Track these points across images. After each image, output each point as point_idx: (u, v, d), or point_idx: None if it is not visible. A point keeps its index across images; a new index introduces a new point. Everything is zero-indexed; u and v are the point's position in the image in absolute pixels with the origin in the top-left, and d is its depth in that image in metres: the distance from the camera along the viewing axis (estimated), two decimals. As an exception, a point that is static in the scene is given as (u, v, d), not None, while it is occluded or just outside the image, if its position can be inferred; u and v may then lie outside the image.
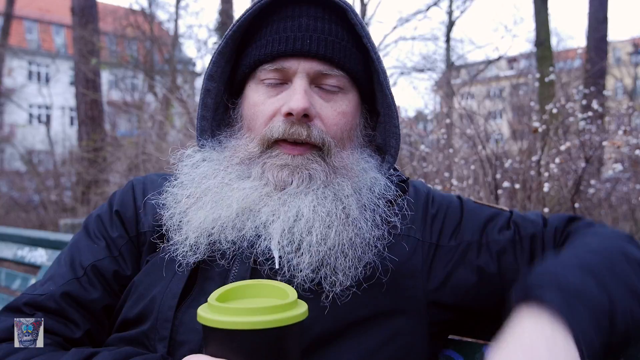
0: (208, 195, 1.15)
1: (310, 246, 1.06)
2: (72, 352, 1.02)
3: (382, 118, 1.27)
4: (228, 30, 1.19)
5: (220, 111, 1.29)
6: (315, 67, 1.14)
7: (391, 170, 1.28)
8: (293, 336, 0.81)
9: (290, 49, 1.13)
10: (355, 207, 1.12)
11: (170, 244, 1.15)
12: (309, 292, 1.05)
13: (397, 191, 1.21)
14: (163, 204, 1.21)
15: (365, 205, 1.15)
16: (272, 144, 1.15)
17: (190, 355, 0.84)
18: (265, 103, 1.16)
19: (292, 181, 1.12)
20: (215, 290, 0.87)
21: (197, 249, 1.11)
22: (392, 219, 1.16)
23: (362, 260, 1.08)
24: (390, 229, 1.15)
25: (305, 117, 1.12)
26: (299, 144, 1.14)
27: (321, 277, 1.06)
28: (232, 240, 1.10)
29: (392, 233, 1.15)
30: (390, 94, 1.22)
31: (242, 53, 1.22)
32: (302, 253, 1.06)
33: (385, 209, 1.16)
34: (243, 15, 1.17)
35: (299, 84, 1.13)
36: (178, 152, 1.27)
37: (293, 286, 1.03)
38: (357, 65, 1.20)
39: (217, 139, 1.26)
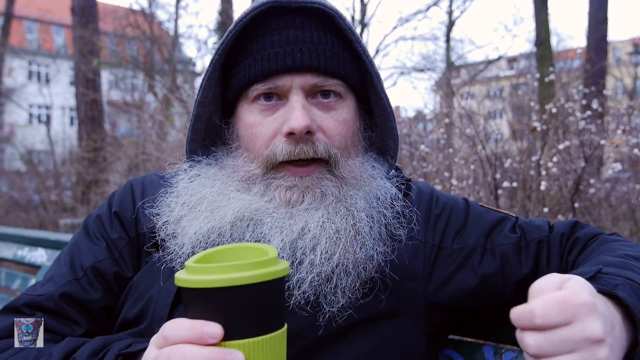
0: (203, 204, 1.12)
1: (312, 265, 1.04)
2: (67, 339, 1.03)
3: (378, 119, 1.24)
4: (214, 54, 1.14)
5: (219, 132, 1.24)
6: (310, 81, 1.10)
7: (393, 171, 1.27)
8: (274, 293, 0.78)
9: (281, 66, 1.08)
10: (365, 223, 1.09)
11: (166, 253, 1.13)
12: (304, 311, 1.03)
13: (404, 201, 1.19)
14: (157, 214, 1.18)
15: (373, 218, 1.12)
16: (277, 166, 1.11)
17: (171, 320, 0.81)
18: (263, 124, 1.12)
19: (303, 200, 1.09)
20: (195, 255, 0.85)
21: None
22: (398, 232, 1.14)
23: (362, 278, 1.07)
24: (395, 243, 1.13)
25: (308, 133, 1.08)
26: (304, 164, 1.10)
27: (320, 295, 1.04)
28: None
29: (397, 248, 1.13)
30: (385, 96, 1.19)
31: (231, 71, 1.17)
32: (304, 270, 1.04)
33: (392, 220, 1.14)
34: (227, 36, 1.12)
35: (296, 101, 1.09)
36: (175, 166, 1.24)
37: (290, 303, 1.01)
38: (351, 70, 1.16)
39: (214, 156, 1.23)
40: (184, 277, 0.77)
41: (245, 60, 1.13)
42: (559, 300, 0.72)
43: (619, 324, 0.80)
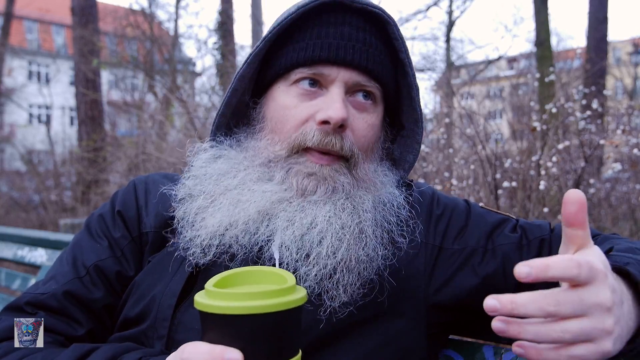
0: (226, 195, 1.14)
1: (319, 258, 1.05)
2: (73, 347, 1.02)
3: (407, 132, 1.27)
4: (267, 32, 1.17)
5: (244, 113, 1.26)
6: (355, 78, 1.13)
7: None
8: (292, 321, 0.80)
9: (332, 56, 1.11)
10: (370, 223, 1.11)
11: (180, 241, 1.14)
12: (308, 303, 1.04)
13: (410, 211, 1.20)
14: (176, 197, 1.19)
15: (377, 221, 1.13)
16: (302, 150, 1.13)
17: (188, 343, 0.83)
18: (298, 107, 1.14)
19: (316, 191, 1.11)
20: (213, 277, 0.86)
21: (209, 250, 1.10)
22: (399, 240, 1.14)
23: (362, 278, 1.08)
24: (396, 250, 1.14)
25: (341, 127, 1.10)
26: (326, 154, 1.12)
27: (322, 290, 1.05)
28: (243, 243, 1.09)
29: (397, 255, 1.14)
30: (420, 110, 1.22)
31: (273, 53, 1.19)
32: (310, 263, 1.05)
33: (395, 227, 1.15)
34: (285, 18, 1.15)
35: (337, 93, 1.11)
36: (195, 145, 1.25)
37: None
38: (391, 78, 1.20)
39: (236, 138, 1.24)
40: (204, 302, 0.78)
41: (296, 44, 1.15)
42: (581, 261, 0.72)
43: (628, 303, 0.81)
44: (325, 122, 1.09)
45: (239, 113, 1.27)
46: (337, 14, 1.16)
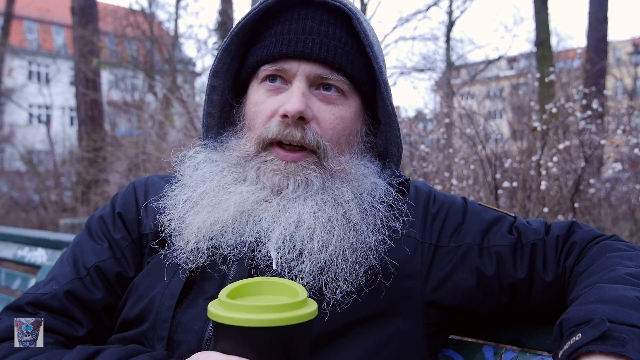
0: (204, 199, 1.15)
1: (311, 253, 1.06)
2: (77, 349, 1.02)
3: (383, 127, 1.27)
4: (233, 27, 1.20)
5: (226, 110, 1.29)
6: (316, 71, 1.14)
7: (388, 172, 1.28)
8: (303, 334, 0.82)
9: (291, 51, 1.13)
10: (356, 212, 1.12)
11: (172, 250, 1.15)
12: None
13: (397, 195, 1.21)
14: (163, 208, 1.20)
15: (366, 210, 1.14)
16: (267, 145, 1.15)
17: (201, 352, 0.84)
18: (265, 103, 1.16)
19: (288, 185, 1.12)
20: (226, 287, 0.87)
21: (199, 253, 1.11)
22: (392, 223, 1.16)
23: (362, 266, 1.08)
24: (391, 234, 1.15)
25: (302, 119, 1.11)
26: (293, 150, 1.14)
27: (322, 284, 1.05)
28: (232, 245, 1.10)
29: (393, 237, 1.15)
30: (391, 105, 1.21)
31: (248, 52, 1.23)
32: (304, 261, 1.05)
33: (386, 213, 1.16)
34: (248, 13, 1.18)
35: (297, 86, 1.13)
36: (180, 154, 1.26)
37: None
38: (360, 71, 1.19)
39: (220, 139, 1.26)
40: (219, 313, 0.79)
41: (262, 42, 1.18)
42: None
43: None
44: (285, 116, 1.11)
45: (228, 116, 1.29)
46: (300, 9, 1.18)
